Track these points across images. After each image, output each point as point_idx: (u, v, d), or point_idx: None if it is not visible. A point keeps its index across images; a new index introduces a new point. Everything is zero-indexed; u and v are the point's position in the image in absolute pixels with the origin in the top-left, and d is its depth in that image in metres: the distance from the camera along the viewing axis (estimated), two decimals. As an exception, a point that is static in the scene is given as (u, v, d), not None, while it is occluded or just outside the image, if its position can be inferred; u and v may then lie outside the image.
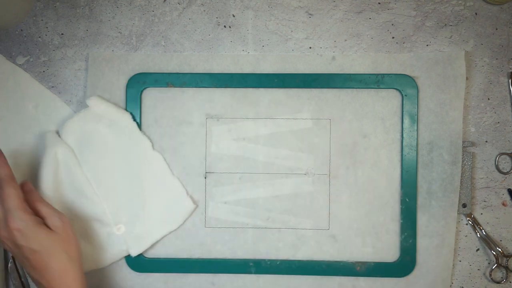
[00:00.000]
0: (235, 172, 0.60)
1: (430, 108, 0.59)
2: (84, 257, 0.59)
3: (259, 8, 0.60)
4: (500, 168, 0.60)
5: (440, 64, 0.59)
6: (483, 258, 0.60)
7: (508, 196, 0.60)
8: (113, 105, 0.59)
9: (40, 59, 0.61)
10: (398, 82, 0.58)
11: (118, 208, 0.58)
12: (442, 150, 0.58)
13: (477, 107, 0.60)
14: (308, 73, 0.59)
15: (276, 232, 0.60)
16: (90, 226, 0.58)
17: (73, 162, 0.58)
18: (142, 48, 0.61)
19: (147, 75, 0.59)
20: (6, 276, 0.61)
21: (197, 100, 0.60)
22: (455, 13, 0.60)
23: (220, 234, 0.60)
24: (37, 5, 0.61)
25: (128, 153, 0.59)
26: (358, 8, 0.60)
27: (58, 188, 0.58)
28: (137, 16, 0.61)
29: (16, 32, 0.61)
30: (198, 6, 0.61)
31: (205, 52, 0.61)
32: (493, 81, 0.60)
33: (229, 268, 0.59)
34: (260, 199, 0.60)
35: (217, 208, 0.60)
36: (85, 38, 0.61)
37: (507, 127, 0.60)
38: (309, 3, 0.60)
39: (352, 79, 0.59)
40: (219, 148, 0.60)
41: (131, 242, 0.58)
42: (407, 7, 0.60)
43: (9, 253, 0.61)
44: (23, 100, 0.61)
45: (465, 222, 0.60)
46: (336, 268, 0.59)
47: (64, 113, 0.61)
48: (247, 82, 0.59)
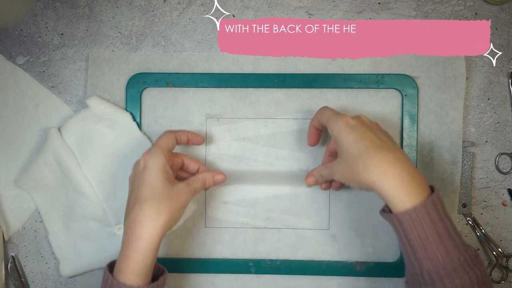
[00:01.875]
0: (235, 172, 0.60)
1: (430, 108, 0.59)
2: (84, 257, 0.59)
3: (259, 8, 0.60)
4: (500, 168, 0.60)
5: (440, 64, 0.59)
6: (483, 258, 0.60)
7: (508, 196, 0.60)
8: (113, 105, 0.59)
9: (40, 59, 0.61)
10: (398, 82, 0.58)
11: (118, 208, 0.58)
12: (442, 150, 0.59)
13: (477, 107, 0.60)
14: (308, 73, 0.59)
15: (276, 232, 0.60)
16: (90, 226, 0.58)
17: (73, 162, 0.58)
18: (142, 48, 0.61)
19: (147, 75, 0.59)
20: (6, 276, 0.61)
21: (197, 100, 0.60)
22: (455, 13, 0.60)
23: (220, 234, 0.60)
24: (37, 5, 0.61)
25: (128, 153, 0.59)
26: (358, 8, 0.60)
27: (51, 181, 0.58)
28: (137, 16, 0.61)
29: (16, 32, 0.61)
30: (198, 6, 0.61)
31: (205, 52, 0.61)
32: (493, 81, 0.60)
33: (229, 268, 0.59)
34: (260, 199, 0.60)
35: (217, 208, 0.60)
36: (85, 38, 0.61)
37: (507, 127, 0.60)
38: (309, 3, 0.60)
39: (352, 79, 0.59)
40: (219, 148, 0.60)
41: (131, 242, 0.58)
42: (407, 7, 0.60)
43: (9, 253, 0.61)
44: (23, 100, 0.61)
45: (465, 222, 0.60)
46: (336, 268, 0.59)
47: (64, 113, 0.61)
48: (247, 82, 0.59)
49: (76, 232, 0.59)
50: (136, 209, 0.47)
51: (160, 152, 0.50)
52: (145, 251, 0.46)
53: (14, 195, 0.61)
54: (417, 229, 0.43)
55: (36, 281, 0.61)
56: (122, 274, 0.46)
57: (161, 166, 0.49)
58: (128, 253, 0.46)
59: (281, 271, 0.59)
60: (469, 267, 0.43)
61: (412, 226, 0.43)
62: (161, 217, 0.47)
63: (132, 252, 0.46)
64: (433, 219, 0.43)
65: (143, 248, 0.46)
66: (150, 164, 0.49)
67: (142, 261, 0.46)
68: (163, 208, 0.47)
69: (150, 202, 0.47)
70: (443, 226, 0.43)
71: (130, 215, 0.47)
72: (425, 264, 0.43)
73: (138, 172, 0.49)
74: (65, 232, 0.59)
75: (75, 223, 0.59)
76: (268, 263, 0.59)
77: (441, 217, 0.43)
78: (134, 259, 0.46)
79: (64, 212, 0.59)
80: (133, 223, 0.46)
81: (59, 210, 0.59)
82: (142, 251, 0.46)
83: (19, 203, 0.61)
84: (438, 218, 0.43)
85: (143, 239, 0.46)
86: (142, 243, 0.46)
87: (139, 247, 0.46)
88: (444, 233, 0.43)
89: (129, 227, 0.47)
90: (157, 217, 0.47)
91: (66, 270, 0.59)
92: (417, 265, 0.44)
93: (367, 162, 0.45)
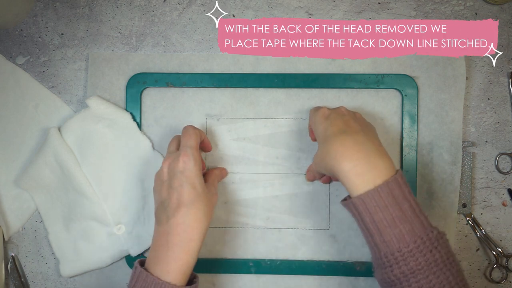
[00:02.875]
0: (235, 172, 0.60)
1: (430, 108, 0.59)
2: (84, 257, 0.59)
3: (259, 8, 0.60)
4: (500, 168, 0.60)
5: (440, 64, 0.59)
6: (483, 258, 0.60)
7: (508, 196, 0.60)
8: (113, 105, 0.59)
9: (40, 59, 0.61)
10: (398, 82, 0.58)
11: (118, 208, 0.59)
12: (442, 150, 0.59)
13: (477, 107, 0.60)
14: (308, 73, 0.59)
15: (276, 232, 0.60)
16: (90, 226, 0.58)
17: (73, 162, 0.58)
18: (142, 48, 0.61)
19: (147, 75, 0.59)
20: (6, 276, 0.61)
21: (197, 100, 0.60)
22: (455, 13, 0.60)
23: (220, 234, 0.60)
24: (37, 5, 0.61)
25: (128, 153, 0.59)
26: (358, 8, 0.60)
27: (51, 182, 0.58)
28: (137, 16, 0.61)
29: (16, 32, 0.61)
30: (198, 6, 0.61)
31: (205, 52, 0.61)
32: (493, 81, 0.60)
33: (229, 268, 0.59)
34: (260, 199, 0.60)
35: (217, 208, 0.60)
36: (85, 38, 0.61)
37: (507, 127, 0.60)
38: (309, 3, 0.60)
39: (352, 79, 0.59)
40: (219, 148, 0.60)
41: (131, 242, 0.58)
42: (407, 7, 0.60)
43: (9, 253, 0.61)
44: (23, 100, 0.61)
45: (465, 222, 0.60)
46: (336, 268, 0.59)
47: (64, 113, 0.61)
48: (247, 82, 0.59)
49: (76, 232, 0.59)
50: (183, 212, 0.47)
51: (197, 153, 0.50)
52: (195, 252, 0.47)
53: (14, 195, 0.61)
54: (371, 213, 0.43)
55: (36, 281, 0.61)
56: (167, 274, 0.46)
57: (199, 168, 0.50)
58: (178, 255, 0.46)
59: (281, 271, 0.59)
60: (427, 249, 0.42)
61: (366, 210, 0.44)
62: (207, 219, 0.49)
63: (182, 254, 0.47)
64: (387, 203, 0.43)
65: (193, 250, 0.47)
66: (192, 166, 0.49)
67: (192, 262, 0.47)
68: (208, 210, 0.49)
69: (197, 204, 0.48)
70: (398, 209, 0.43)
71: (175, 218, 0.47)
72: (382, 248, 0.44)
73: (177, 173, 0.49)
74: (65, 232, 0.59)
75: (75, 223, 0.59)
76: (268, 263, 0.59)
77: (397, 201, 0.43)
78: (184, 261, 0.47)
79: (64, 212, 0.59)
80: (182, 225, 0.47)
81: (59, 210, 0.59)
82: (193, 253, 0.47)
83: (19, 203, 0.61)
84: (393, 202, 0.43)
85: (194, 242, 0.47)
86: (193, 245, 0.47)
87: (191, 249, 0.47)
88: (400, 216, 0.43)
89: (177, 229, 0.47)
90: (205, 219, 0.48)
91: (66, 270, 0.59)
92: (376, 249, 0.45)
93: (328, 147, 0.47)
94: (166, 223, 0.48)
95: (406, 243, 0.43)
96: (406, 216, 0.43)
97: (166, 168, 0.50)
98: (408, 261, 0.42)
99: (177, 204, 0.48)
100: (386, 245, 0.43)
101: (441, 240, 0.44)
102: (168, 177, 0.50)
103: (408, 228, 0.43)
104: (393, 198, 0.43)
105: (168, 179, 0.50)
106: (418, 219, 0.43)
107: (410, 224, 0.43)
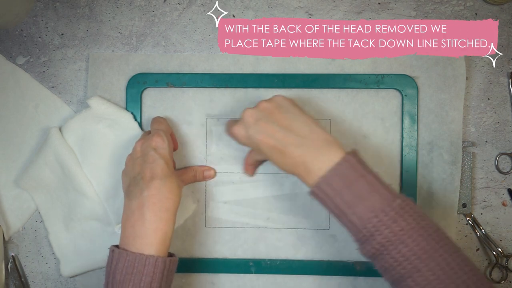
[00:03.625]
0: (235, 172, 0.60)
1: (430, 108, 0.59)
2: (84, 257, 0.59)
3: (259, 8, 0.60)
4: (500, 168, 0.60)
5: (440, 64, 0.59)
6: (483, 258, 0.60)
7: (508, 196, 0.60)
8: (114, 105, 0.59)
9: (40, 59, 0.61)
10: (398, 82, 0.58)
11: (118, 207, 0.59)
12: (442, 150, 0.59)
13: (477, 107, 0.60)
14: (308, 73, 0.59)
15: (276, 232, 0.60)
16: (91, 225, 0.58)
17: (74, 162, 0.58)
18: (142, 48, 0.61)
19: (147, 75, 0.59)
20: (6, 276, 0.61)
21: (197, 100, 0.60)
22: (455, 13, 0.60)
23: (220, 234, 0.60)
24: (37, 5, 0.61)
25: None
26: (358, 8, 0.60)
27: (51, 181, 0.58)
28: (137, 16, 0.61)
29: (16, 32, 0.61)
30: (198, 6, 0.61)
31: (205, 52, 0.61)
32: (493, 81, 0.60)
33: (229, 268, 0.59)
34: (260, 199, 0.60)
35: (217, 208, 0.60)
36: (85, 38, 0.61)
37: (507, 127, 0.60)
38: (309, 3, 0.60)
39: (352, 79, 0.59)
40: (219, 148, 0.60)
41: (131, 242, 0.58)
42: (407, 7, 0.60)
43: (9, 253, 0.61)
44: (23, 100, 0.61)
45: (465, 222, 0.60)
46: (336, 268, 0.59)
47: (64, 113, 0.61)
48: (247, 82, 0.59)
49: (76, 232, 0.59)
50: (158, 183, 0.48)
51: (169, 136, 0.53)
52: (172, 223, 0.48)
53: (14, 195, 0.61)
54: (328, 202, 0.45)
55: (36, 281, 0.61)
56: (150, 246, 0.46)
57: (171, 149, 0.53)
58: (157, 225, 0.47)
59: (281, 271, 0.59)
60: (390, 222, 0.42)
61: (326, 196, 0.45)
62: (179, 194, 0.50)
63: (161, 224, 0.47)
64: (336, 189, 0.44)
65: (170, 219, 0.48)
66: (165, 145, 0.51)
67: (170, 233, 0.48)
68: (180, 185, 0.51)
69: (171, 178, 0.49)
70: (351, 193, 0.44)
71: (149, 189, 0.48)
72: (351, 227, 0.45)
73: (151, 150, 0.50)
74: (65, 232, 0.59)
75: (75, 223, 0.59)
76: (268, 263, 0.59)
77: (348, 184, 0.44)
78: (163, 231, 0.47)
79: (64, 212, 0.59)
80: (158, 195, 0.48)
81: (60, 210, 0.59)
82: (171, 223, 0.48)
83: (19, 203, 0.61)
84: (344, 185, 0.44)
85: (170, 211, 0.48)
86: (169, 215, 0.48)
87: (168, 218, 0.48)
88: (353, 200, 0.44)
89: (152, 200, 0.48)
90: (178, 192, 0.50)
91: (66, 270, 0.59)
92: (347, 227, 0.46)
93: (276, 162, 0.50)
94: (140, 196, 0.48)
95: (364, 224, 0.43)
96: (361, 197, 0.44)
97: (139, 147, 0.52)
98: (374, 236, 0.43)
99: (151, 177, 0.48)
100: (352, 225, 0.44)
101: (406, 208, 0.43)
102: (141, 154, 0.51)
103: (366, 208, 0.43)
104: (346, 179, 0.44)
105: (141, 156, 0.51)
106: (375, 194, 0.44)
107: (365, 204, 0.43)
